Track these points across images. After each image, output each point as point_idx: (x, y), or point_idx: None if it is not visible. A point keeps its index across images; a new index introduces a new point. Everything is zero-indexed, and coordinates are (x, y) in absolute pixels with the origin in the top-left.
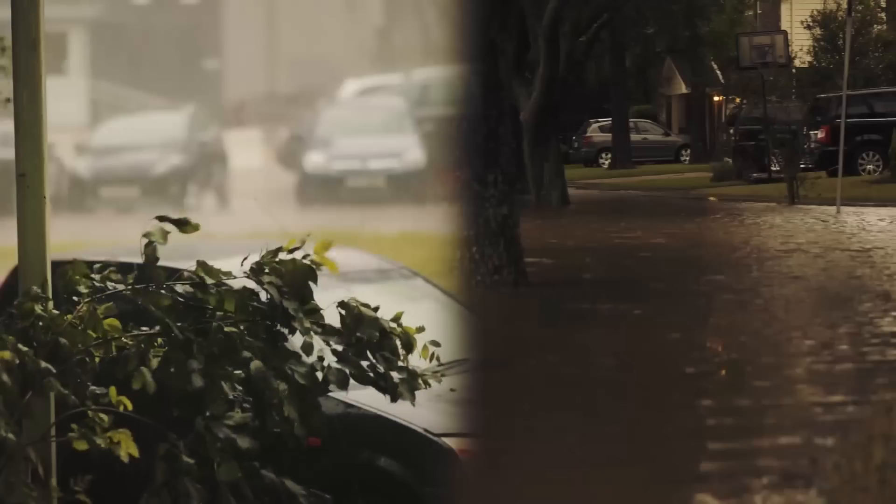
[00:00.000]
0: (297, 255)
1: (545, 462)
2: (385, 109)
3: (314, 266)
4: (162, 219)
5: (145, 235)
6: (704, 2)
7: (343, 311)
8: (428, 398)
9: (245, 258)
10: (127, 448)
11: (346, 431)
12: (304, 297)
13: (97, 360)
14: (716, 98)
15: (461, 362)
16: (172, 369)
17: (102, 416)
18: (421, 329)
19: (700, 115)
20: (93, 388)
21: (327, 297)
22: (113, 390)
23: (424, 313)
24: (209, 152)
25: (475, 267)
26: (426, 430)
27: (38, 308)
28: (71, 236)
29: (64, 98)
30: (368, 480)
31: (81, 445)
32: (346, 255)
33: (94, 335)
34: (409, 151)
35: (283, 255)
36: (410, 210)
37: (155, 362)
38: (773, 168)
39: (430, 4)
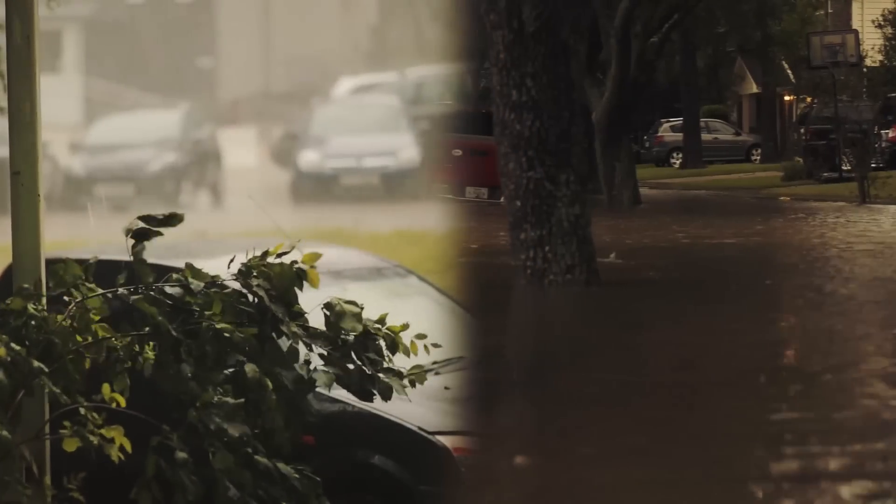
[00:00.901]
0: (286, 258)
1: (614, 459)
2: (379, 107)
3: (300, 273)
4: (145, 219)
5: (127, 231)
6: (775, 1)
7: (328, 312)
8: (422, 396)
9: (231, 260)
10: (120, 444)
11: (341, 429)
12: (290, 301)
13: (88, 361)
14: (787, 97)
15: (457, 360)
16: (163, 371)
17: (94, 414)
18: (405, 326)
19: (771, 114)
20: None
21: (321, 296)
22: (106, 387)
23: (418, 311)
24: (204, 150)
25: (547, 267)
26: (420, 429)
27: (30, 307)
28: (65, 234)
29: (58, 96)
30: (363, 478)
31: (74, 443)
32: (341, 254)
33: (82, 338)
34: (404, 149)
35: (270, 259)
36: (405, 208)
37: (146, 364)
38: (843, 167)
39: (423, 3)
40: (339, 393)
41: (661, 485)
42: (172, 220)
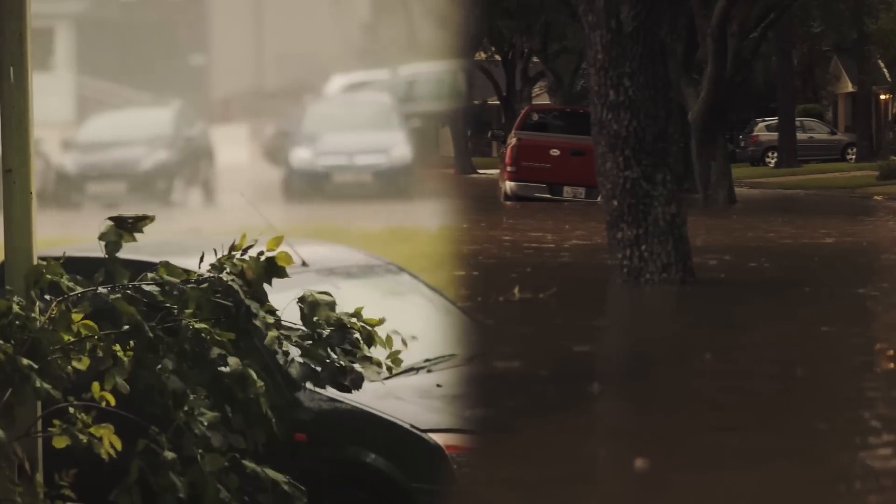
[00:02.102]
0: (253, 252)
1: (710, 456)
2: (372, 105)
3: (269, 265)
4: (115, 219)
5: (101, 238)
6: (872, 0)
7: (302, 305)
8: (415, 394)
9: (202, 258)
10: (109, 442)
11: (333, 427)
12: (259, 297)
13: (75, 361)
14: (882, 96)
15: (449, 357)
16: (143, 370)
17: (83, 413)
18: (381, 320)
19: (866, 113)
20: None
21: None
22: (96, 386)
23: (411, 308)
24: (196, 148)
25: (644, 265)
26: (413, 426)
27: (15, 307)
28: (57, 232)
29: (50, 94)
30: (355, 476)
31: (63, 441)
32: (333, 251)
33: (67, 336)
34: (396, 147)
35: (238, 254)
36: (397, 205)
37: (128, 362)
38: None
39: (416, 0)
40: (331, 390)
41: (767, 483)
42: (142, 221)
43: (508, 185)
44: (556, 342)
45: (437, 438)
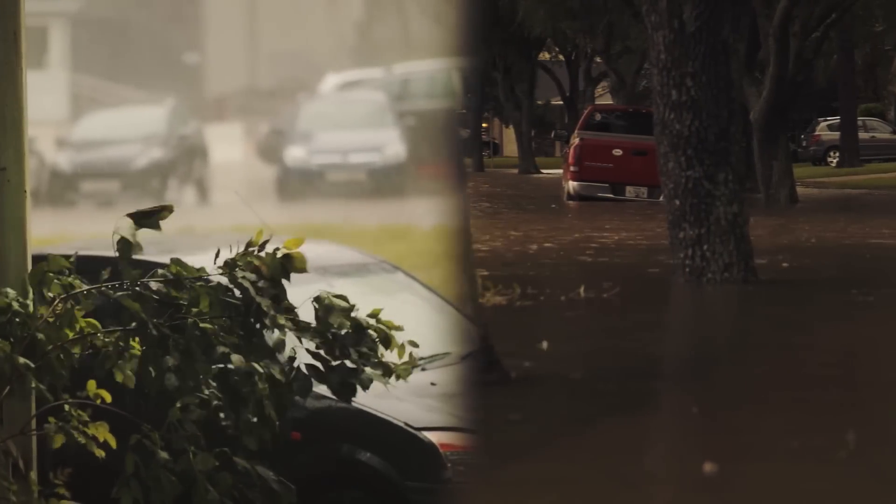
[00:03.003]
0: (269, 248)
1: (772, 456)
2: (366, 104)
3: (285, 262)
4: (133, 216)
5: (116, 232)
6: None
7: (317, 305)
8: (409, 392)
9: (217, 254)
10: (104, 440)
11: (327, 425)
12: (278, 294)
13: (75, 356)
14: None
15: (443, 356)
16: (150, 367)
17: (79, 411)
18: (400, 327)
19: None
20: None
21: (307, 292)
22: (92, 384)
23: (405, 307)
24: (190, 146)
25: (705, 265)
26: (407, 425)
27: (15, 304)
28: (51, 230)
29: (44, 92)
30: (349, 474)
31: (59, 439)
32: (327, 249)
33: (71, 333)
34: (390, 145)
35: (253, 250)
36: (391, 204)
37: (132, 360)
38: None
39: None
40: (325, 388)
41: (830, 484)
42: (161, 212)
43: (571, 185)
44: (620, 341)
45: (432, 437)
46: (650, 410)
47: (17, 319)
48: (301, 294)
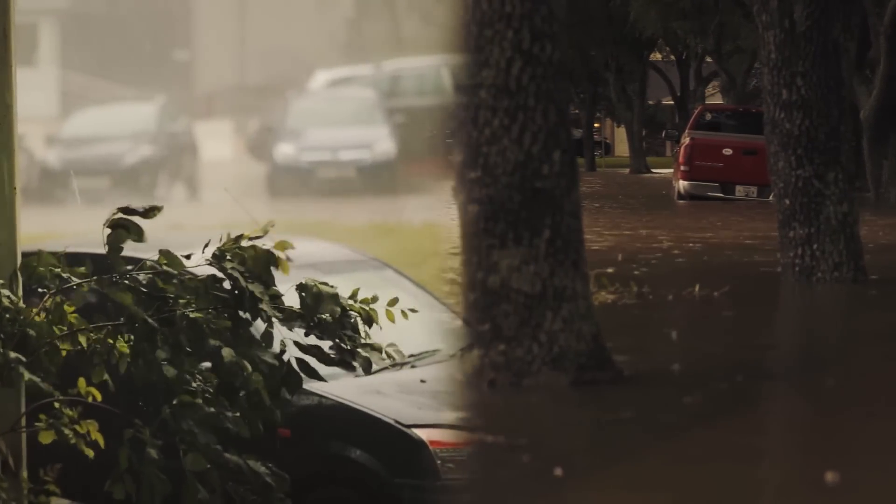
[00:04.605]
0: (259, 243)
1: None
2: (355, 100)
3: (271, 257)
4: (125, 210)
5: (107, 225)
6: None
7: (303, 294)
8: (398, 389)
9: (206, 245)
10: (93, 438)
11: (317, 422)
12: (266, 282)
13: (63, 352)
14: None
15: (432, 353)
16: (140, 361)
17: (69, 408)
18: (375, 298)
19: None
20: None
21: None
22: (82, 381)
23: None
24: (179, 143)
25: (815, 264)
26: (396, 422)
27: (5, 300)
28: (40, 227)
29: (34, 89)
30: (338, 471)
31: (49, 436)
32: (316, 247)
33: (60, 329)
34: (380, 142)
35: (244, 243)
36: (381, 201)
37: (122, 358)
38: None
39: None
40: (315, 385)
41: None
42: (152, 212)
43: (682, 185)
44: (731, 339)
45: (422, 433)
46: (762, 410)
47: (8, 315)
48: (290, 291)
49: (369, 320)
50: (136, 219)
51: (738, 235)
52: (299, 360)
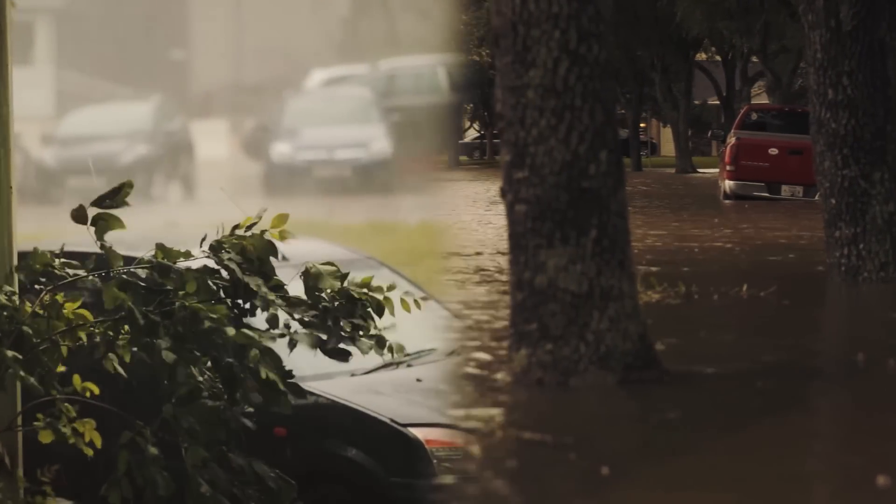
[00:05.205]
0: (255, 230)
1: None
2: (351, 99)
3: (272, 240)
4: (97, 201)
5: (93, 223)
6: None
7: (306, 279)
8: (395, 388)
9: (203, 240)
10: (90, 438)
11: (313, 421)
12: (266, 272)
13: (64, 349)
14: None
15: (428, 352)
16: (142, 353)
17: (68, 405)
18: (392, 286)
19: None
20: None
21: (291, 289)
22: (77, 378)
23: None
24: (175, 142)
25: (861, 264)
26: (392, 421)
27: (2, 298)
28: (36, 226)
29: (30, 88)
30: (334, 470)
31: (48, 435)
32: (312, 245)
33: (59, 324)
34: (376, 141)
35: (240, 232)
36: (377, 200)
37: (123, 349)
38: None
39: None
40: (311, 385)
41: None
42: (123, 190)
43: (728, 184)
44: (777, 339)
45: (417, 433)
46: (809, 410)
47: (5, 313)
48: (288, 288)
49: (380, 309)
50: (116, 211)
51: (784, 235)
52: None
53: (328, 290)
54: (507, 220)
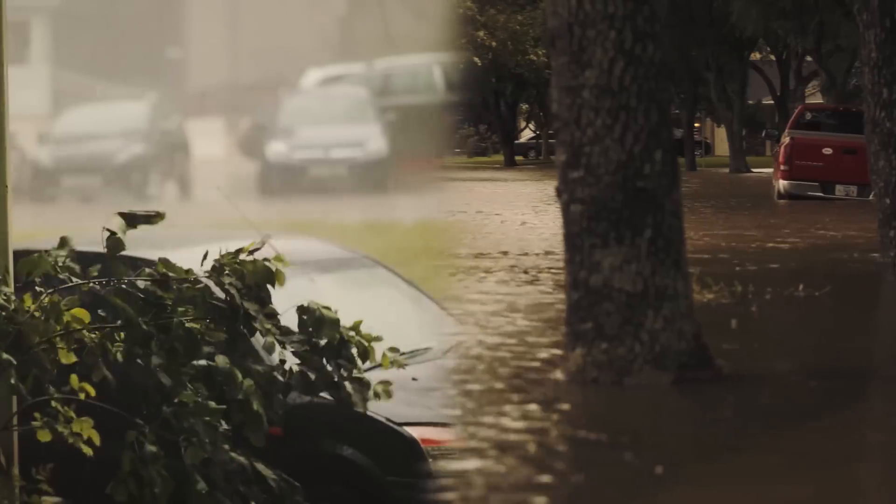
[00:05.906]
0: (258, 255)
1: None
2: (347, 99)
3: (272, 268)
4: (126, 216)
5: (107, 229)
6: None
7: (304, 316)
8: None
9: (205, 256)
10: (88, 436)
11: (308, 420)
12: (263, 299)
13: (61, 350)
14: None
15: (424, 351)
16: (138, 360)
17: (65, 406)
18: (379, 338)
19: None
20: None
21: (288, 287)
22: (74, 378)
23: (386, 302)
24: (171, 141)
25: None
26: (388, 420)
27: (0, 298)
28: (32, 225)
29: (26, 87)
30: (330, 469)
31: (46, 435)
32: (308, 245)
33: (57, 327)
34: (372, 140)
35: (243, 256)
36: (373, 199)
37: (117, 356)
38: None
39: None
40: None
41: None
42: (155, 218)
43: (782, 184)
44: (831, 339)
45: (413, 432)
46: (864, 410)
47: (3, 314)
48: (282, 290)
49: (365, 354)
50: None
51: (838, 235)
52: (298, 372)
53: (328, 338)
54: (563, 219)
